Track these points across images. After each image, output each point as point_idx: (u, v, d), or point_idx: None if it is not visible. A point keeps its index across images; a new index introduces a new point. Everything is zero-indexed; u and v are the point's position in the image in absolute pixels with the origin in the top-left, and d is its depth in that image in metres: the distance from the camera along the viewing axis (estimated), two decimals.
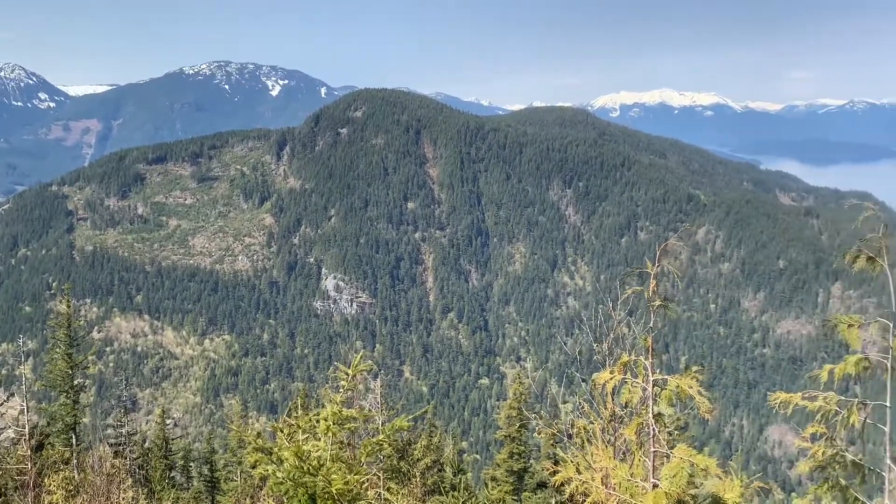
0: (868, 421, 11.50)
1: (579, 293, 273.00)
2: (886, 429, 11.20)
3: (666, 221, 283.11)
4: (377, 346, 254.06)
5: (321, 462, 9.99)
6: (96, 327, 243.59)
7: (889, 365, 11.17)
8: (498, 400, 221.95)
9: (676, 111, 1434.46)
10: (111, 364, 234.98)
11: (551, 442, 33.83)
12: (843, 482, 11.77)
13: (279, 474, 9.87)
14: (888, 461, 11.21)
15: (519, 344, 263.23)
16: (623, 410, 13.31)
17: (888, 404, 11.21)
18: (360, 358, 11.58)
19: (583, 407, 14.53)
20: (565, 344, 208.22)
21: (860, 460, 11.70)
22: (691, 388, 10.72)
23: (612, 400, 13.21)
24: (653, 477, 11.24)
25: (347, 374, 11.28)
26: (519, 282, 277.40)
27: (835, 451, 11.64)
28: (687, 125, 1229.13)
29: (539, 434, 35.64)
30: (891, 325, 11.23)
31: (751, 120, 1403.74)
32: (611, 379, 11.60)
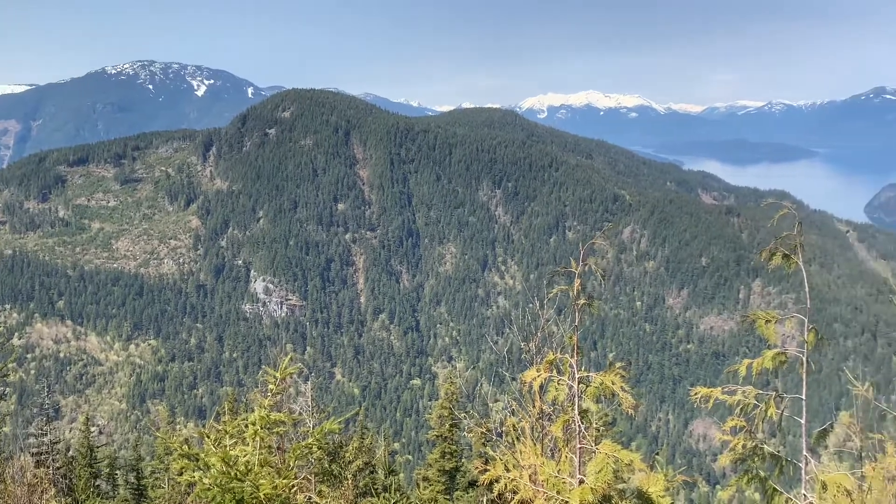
0: (786, 413, 11.85)
1: (509, 292, 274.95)
2: (803, 421, 11.57)
3: (593, 221, 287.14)
4: (308, 348, 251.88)
5: (249, 467, 9.89)
6: (17, 333, 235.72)
7: (804, 359, 11.54)
8: (430, 400, 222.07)
9: (602, 113, 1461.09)
10: (32, 371, 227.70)
11: (482, 441, 34.00)
12: (762, 474, 12.10)
13: (206, 480, 9.73)
14: (805, 453, 11.58)
15: (450, 344, 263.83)
16: (551, 408, 13.47)
17: (804, 397, 11.58)
18: (289, 360, 11.48)
19: (512, 405, 14.66)
20: (496, 343, 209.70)
21: (778, 452, 12.05)
22: (615, 384, 10.92)
23: (540, 398, 13.36)
24: (579, 473, 11.41)
25: (276, 378, 11.18)
26: (450, 282, 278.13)
27: (754, 444, 11.96)
28: (612, 126, 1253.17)
29: (470, 433, 35.78)
30: (805, 320, 11.61)
31: (673, 121, 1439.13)
32: (537, 377, 11.75)
